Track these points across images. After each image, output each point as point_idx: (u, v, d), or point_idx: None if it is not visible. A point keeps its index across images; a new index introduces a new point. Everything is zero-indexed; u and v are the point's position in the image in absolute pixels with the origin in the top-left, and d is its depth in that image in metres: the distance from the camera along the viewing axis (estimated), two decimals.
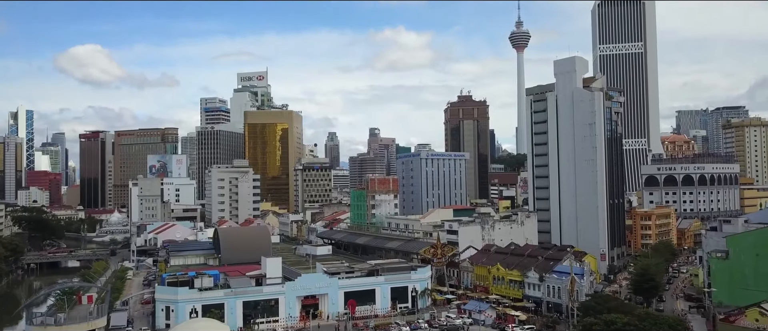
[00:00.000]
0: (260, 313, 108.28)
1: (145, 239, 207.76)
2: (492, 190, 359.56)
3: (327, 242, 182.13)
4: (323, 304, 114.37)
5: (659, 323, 61.04)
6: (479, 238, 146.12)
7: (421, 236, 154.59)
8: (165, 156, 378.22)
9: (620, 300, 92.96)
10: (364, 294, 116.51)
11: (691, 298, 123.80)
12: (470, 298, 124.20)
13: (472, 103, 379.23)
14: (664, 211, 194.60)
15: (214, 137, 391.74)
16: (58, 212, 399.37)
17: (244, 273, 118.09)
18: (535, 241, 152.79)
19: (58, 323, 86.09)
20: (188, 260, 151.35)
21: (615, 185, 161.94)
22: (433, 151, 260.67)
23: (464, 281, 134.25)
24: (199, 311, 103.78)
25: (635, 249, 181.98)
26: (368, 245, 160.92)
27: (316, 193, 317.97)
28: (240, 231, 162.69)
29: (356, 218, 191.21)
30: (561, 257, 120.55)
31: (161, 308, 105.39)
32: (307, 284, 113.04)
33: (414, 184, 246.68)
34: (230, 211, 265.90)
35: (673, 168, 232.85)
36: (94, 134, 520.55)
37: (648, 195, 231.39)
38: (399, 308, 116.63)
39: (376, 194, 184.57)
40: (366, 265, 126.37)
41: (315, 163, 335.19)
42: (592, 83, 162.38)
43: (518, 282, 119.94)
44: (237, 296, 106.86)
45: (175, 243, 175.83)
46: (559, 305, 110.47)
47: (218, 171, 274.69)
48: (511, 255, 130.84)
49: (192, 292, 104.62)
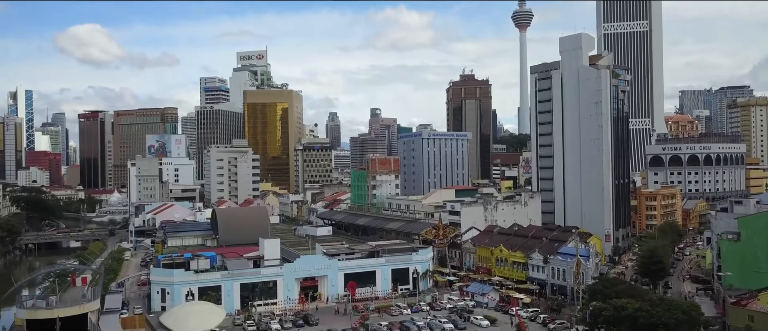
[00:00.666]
0: (258, 295, 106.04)
1: (143, 219, 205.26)
2: (494, 170, 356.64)
3: (327, 222, 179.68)
4: (323, 286, 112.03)
5: (672, 308, 58.31)
6: (482, 219, 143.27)
7: (423, 216, 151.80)
8: (164, 136, 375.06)
9: (628, 283, 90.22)
10: (365, 276, 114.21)
11: (698, 280, 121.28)
12: (473, 280, 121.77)
13: (474, 83, 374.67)
14: (670, 191, 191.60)
15: (214, 117, 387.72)
16: (58, 193, 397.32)
17: (242, 255, 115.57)
18: (538, 222, 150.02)
19: (50, 306, 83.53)
20: (186, 241, 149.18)
21: (620, 165, 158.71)
22: (434, 131, 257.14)
23: (466, 262, 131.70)
24: (195, 293, 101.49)
25: (640, 230, 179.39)
26: (369, 226, 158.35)
27: (316, 173, 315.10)
28: (238, 212, 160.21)
29: (357, 198, 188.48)
30: (566, 239, 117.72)
31: (157, 290, 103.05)
32: (306, 266, 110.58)
33: (415, 164, 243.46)
34: (229, 191, 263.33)
35: (678, 148, 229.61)
36: (94, 114, 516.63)
37: (653, 175, 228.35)
38: (400, 290, 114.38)
39: (377, 175, 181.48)
40: (366, 246, 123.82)
41: (315, 144, 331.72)
42: (598, 61, 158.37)
43: (522, 264, 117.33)
44: (234, 278, 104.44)
45: (173, 224, 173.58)
46: (564, 287, 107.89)
47: (217, 151, 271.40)
48: (514, 236, 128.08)
49: (188, 274, 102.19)
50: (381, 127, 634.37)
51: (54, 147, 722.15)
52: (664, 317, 57.81)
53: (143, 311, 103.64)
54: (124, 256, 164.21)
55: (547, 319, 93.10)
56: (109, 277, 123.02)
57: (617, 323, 61.23)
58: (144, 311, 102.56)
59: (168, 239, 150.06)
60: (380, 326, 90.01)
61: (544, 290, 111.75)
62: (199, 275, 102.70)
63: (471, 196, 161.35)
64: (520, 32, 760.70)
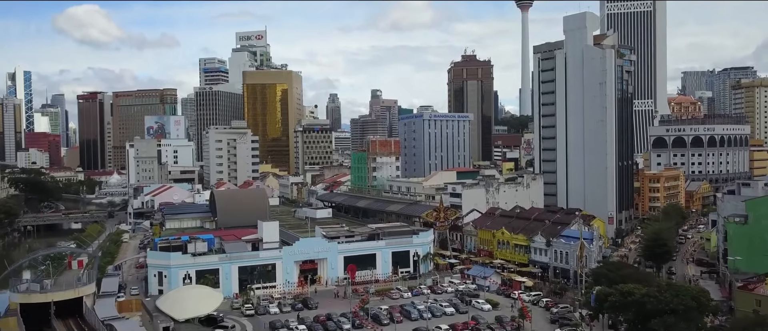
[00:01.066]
0: (257, 278, 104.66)
1: (142, 201, 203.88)
2: (495, 152, 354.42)
3: (327, 204, 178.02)
4: (322, 269, 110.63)
5: (681, 294, 56.59)
6: (483, 201, 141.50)
7: (424, 199, 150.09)
8: (163, 117, 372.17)
9: (634, 267, 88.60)
10: (365, 259, 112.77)
11: (702, 263, 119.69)
12: (474, 263, 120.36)
13: (476, 63, 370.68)
14: (673, 173, 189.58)
15: (213, 98, 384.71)
16: (57, 174, 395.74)
17: (241, 237, 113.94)
18: (540, 204, 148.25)
19: (44, 290, 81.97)
20: (184, 224, 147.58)
21: (624, 147, 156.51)
22: (436, 112, 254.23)
23: (467, 245, 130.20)
24: (192, 276, 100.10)
25: (643, 212, 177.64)
26: (369, 209, 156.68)
27: (316, 155, 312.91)
28: (237, 194, 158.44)
29: (357, 180, 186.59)
30: (569, 221, 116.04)
31: (154, 273, 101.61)
32: (305, 249, 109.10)
33: (416, 146, 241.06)
34: (229, 173, 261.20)
35: (682, 129, 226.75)
36: (92, 95, 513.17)
37: (656, 157, 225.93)
38: (400, 273, 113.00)
39: (378, 156, 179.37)
40: (366, 229, 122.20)
41: (315, 125, 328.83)
42: (603, 41, 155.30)
43: (524, 247, 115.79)
44: (232, 261, 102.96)
45: (172, 206, 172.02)
46: (567, 270, 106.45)
47: (216, 132, 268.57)
48: (516, 219, 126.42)
49: (185, 257, 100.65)
50: (382, 108, 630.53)
51: (53, 128, 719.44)
52: (673, 302, 56.08)
53: (140, 294, 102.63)
54: (122, 238, 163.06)
55: (550, 303, 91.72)
56: (106, 260, 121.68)
57: (623, 308, 59.52)
58: (141, 294, 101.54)
59: (166, 221, 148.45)
60: (380, 309, 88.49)
61: (546, 274, 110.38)
62: (197, 258, 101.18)
63: (472, 178, 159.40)
64: (523, 12, 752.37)
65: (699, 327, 57.34)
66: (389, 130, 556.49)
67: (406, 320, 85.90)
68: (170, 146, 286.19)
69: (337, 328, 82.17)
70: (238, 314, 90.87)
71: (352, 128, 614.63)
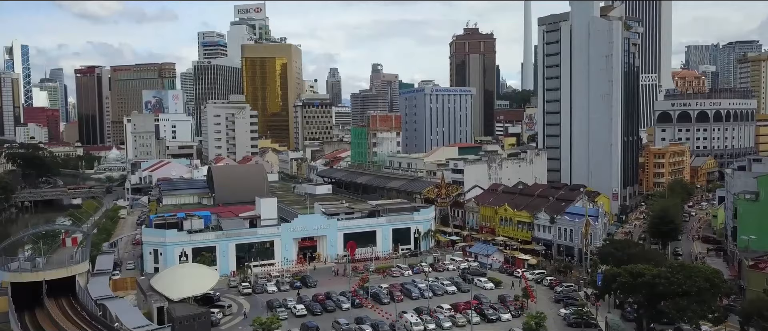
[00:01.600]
0: (254, 256, 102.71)
1: (139, 176, 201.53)
2: (497, 127, 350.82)
3: (327, 181, 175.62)
4: (321, 246, 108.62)
5: (694, 275, 54.20)
6: (486, 177, 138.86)
7: (425, 175, 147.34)
8: (161, 92, 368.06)
9: (641, 246, 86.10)
10: (365, 236, 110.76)
11: (708, 240, 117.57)
12: (476, 240, 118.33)
13: (478, 37, 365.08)
14: (679, 148, 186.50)
15: (212, 72, 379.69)
16: (56, 149, 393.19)
17: (238, 214, 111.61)
18: (544, 180, 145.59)
19: (36, 269, 79.79)
20: (181, 200, 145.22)
21: (630, 122, 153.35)
22: (437, 86, 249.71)
23: (469, 222, 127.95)
24: (189, 254, 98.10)
25: (647, 188, 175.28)
26: (369, 185, 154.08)
27: (316, 130, 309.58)
28: (235, 169, 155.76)
29: (357, 156, 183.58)
30: (573, 198, 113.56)
31: (149, 251, 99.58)
32: (304, 226, 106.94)
33: (417, 121, 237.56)
34: (227, 148, 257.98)
35: (687, 104, 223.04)
36: (90, 70, 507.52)
37: (660, 132, 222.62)
38: (401, 251, 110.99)
39: (378, 132, 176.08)
40: (367, 205, 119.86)
41: (315, 100, 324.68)
42: (610, 12, 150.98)
43: (527, 224, 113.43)
44: (229, 238, 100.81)
45: (170, 181, 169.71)
46: (571, 248, 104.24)
47: (214, 107, 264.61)
48: (519, 195, 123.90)
49: (181, 234, 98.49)
50: (382, 83, 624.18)
51: (52, 103, 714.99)
52: (685, 284, 53.67)
53: (137, 271, 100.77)
54: (119, 214, 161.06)
55: (554, 282, 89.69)
56: (102, 236, 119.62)
57: (633, 290, 57.14)
58: (138, 272, 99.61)
59: (163, 197, 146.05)
60: (380, 288, 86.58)
61: (549, 251, 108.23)
62: (193, 236, 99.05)
63: (474, 153, 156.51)
64: None
65: (712, 309, 54.97)
66: (390, 105, 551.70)
67: (407, 298, 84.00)
68: (168, 121, 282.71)
69: (337, 307, 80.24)
70: (235, 293, 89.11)
71: (352, 103, 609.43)
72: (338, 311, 79.33)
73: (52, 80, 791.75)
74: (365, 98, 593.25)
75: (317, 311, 78.67)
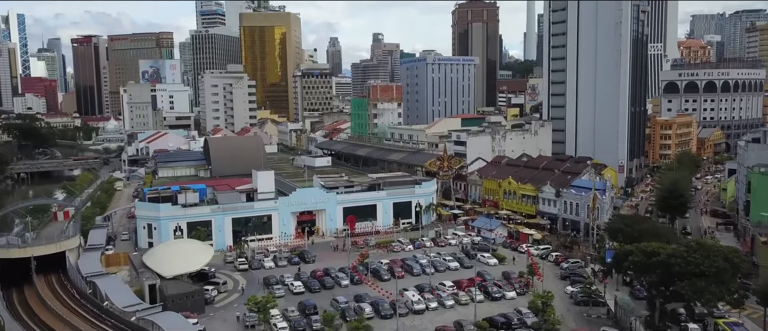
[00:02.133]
0: (251, 230, 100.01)
1: (136, 148, 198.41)
2: (500, 97, 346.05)
3: (326, 153, 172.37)
4: (320, 220, 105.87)
5: (712, 254, 51.21)
6: (489, 149, 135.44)
7: (427, 147, 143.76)
8: (158, 62, 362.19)
9: (653, 221, 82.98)
10: (365, 210, 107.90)
11: (717, 214, 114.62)
12: (479, 214, 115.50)
13: (481, 5, 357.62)
14: (686, 120, 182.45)
15: (210, 41, 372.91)
16: (53, 120, 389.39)
17: (235, 187, 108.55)
18: (549, 152, 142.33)
19: (24, 245, 76.96)
20: (177, 172, 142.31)
21: (637, 92, 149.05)
22: (439, 55, 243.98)
23: (472, 195, 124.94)
24: (184, 228, 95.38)
25: (653, 161, 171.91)
26: (370, 157, 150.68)
27: (316, 100, 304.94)
28: (231, 141, 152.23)
29: (357, 127, 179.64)
30: (580, 171, 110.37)
31: (143, 225, 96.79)
32: (302, 199, 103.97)
33: (419, 91, 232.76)
34: (225, 119, 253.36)
35: (695, 73, 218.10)
36: (87, 39, 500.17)
37: (666, 103, 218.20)
38: (402, 225, 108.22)
39: (379, 103, 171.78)
40: (367, 178, 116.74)
41: (315, 69, 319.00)
42: None
43: (531, 197, 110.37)
44: (225, 212, 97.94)
45: (167, 153, 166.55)
46: (577, 222, 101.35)
47: (211, 77, 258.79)
48: (523, 168, 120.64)
49: (175, 208, 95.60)
50: (383, 53, 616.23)
51: (50, 73, 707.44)
52: (704, 264, 50.66)
53: (131, 245, 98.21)
54: (115, 186, 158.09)
55: (560, 257, 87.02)
56: (96, 209, 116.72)
57: (646, 269, 54.16)
58: (132, 246, 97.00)
59: (159, 169, 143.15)
60: (380, 264, 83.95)
61: (554, 226, 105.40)
62: (187, 210, 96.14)
63: (478, 125, 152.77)
64: None
65: (731, 290, 52.06)
66: (391, 75, 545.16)
67: (408, 275, 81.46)
68: (165, 91, 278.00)
69: (336, 284, 77.67)
70: (231, 269, 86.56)
71: (352, 73, 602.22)
72: (337, 287, 76.84)
73: (49, 50, 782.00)
74: (366, 68, 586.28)
75: (315, 288, 76.15)
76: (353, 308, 67.06)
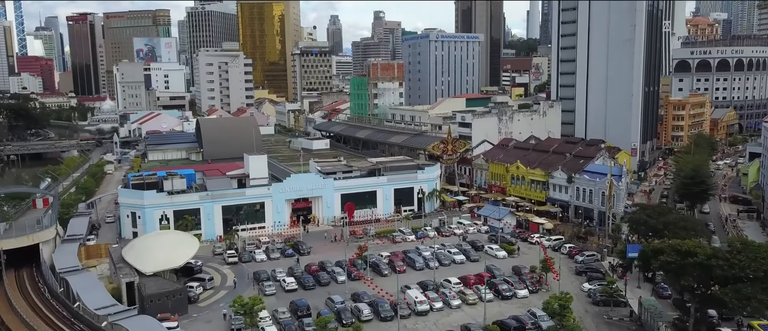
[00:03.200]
0: (243, 219, 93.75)
1: (129, 129, 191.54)
2: (503, 76, 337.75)
3: (325, 134, 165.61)
4: (317, 208, 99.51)
5: (761, 257, 44.64)
6: (495, 131, 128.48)
7: (429, 129, 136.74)
8: (153, 40, 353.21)
9: (677, 212, 76.33)
10: (364, 196, 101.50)
11: (737, 200, 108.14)
12: (485, 200, 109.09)
13: None
14: (699, 99, 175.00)
15: (207, 18, 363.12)
16: (48, 100, 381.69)
17: (226, 172, 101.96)
18: (558, 134, 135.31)
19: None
20: (168, 155, 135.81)
21: (651, 71, 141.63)
22: (443, 32, 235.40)
23: (477, 180, 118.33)
24: (170, 217, 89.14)
25: (665, 143, 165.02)
26: (370, 140, 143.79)
27: (315, 80, 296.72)
28: (224, 123, 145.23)
29: (357, 108, 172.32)
30: (593, 155, 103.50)
31: (126, 214, 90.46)
32: (297, 186, 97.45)
33: (421, 70, 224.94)
34: (221, 99, 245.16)
35: (708, 51, 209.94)
36: (82, 17, 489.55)
37: (677, 82, 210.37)
38: (404, 212, 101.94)
39: (379, 82, 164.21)
40: (366, 163, 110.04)
41: (314, 48, 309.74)
42: None
43: (541, 183, 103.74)
44: (214, 200, 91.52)
45: (158, 135, 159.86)
46: (590, 210, 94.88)
47: (206, 55, 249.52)
48: (532, 151, 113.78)
49: (160, 196, 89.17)
50: (384, 31, 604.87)
51: (48, 52, 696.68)
52: (751, 267, 44.23)
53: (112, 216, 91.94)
54: (105, 170, 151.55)
55: (573, 250, 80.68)
56: (79, 196, 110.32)
57: (681, 271, 47.73)
58: (116, 236, 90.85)
59: (149, 152, 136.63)
60: (380, 257, 77.74)
61: (566, 214, 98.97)
62: (174, 197, 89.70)
63: (483, 105, 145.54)
64: None
65: None
66: (392, 54, 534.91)
67: (410, 269, 75.30)
68: (160, 70, 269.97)
69: (332, 280, 71.50)
70: (220, 262, 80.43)
71: (353, 52, 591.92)
72: (333, 284, 70.67)
73: (47, 29, 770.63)
74: (367, 47, 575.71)
75: (309, 284, 69.92)
76: (350, 308, 60.96)
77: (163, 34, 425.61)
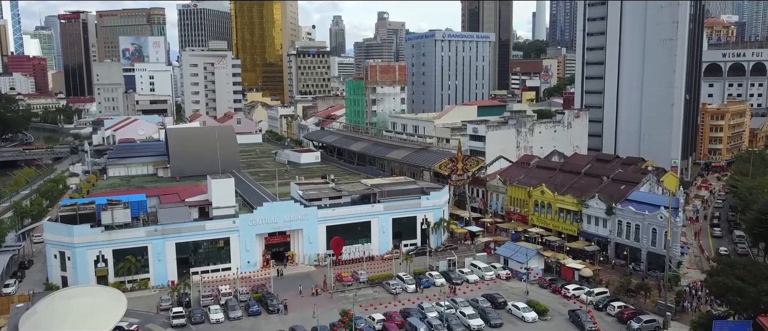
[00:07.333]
0: (203, 259, 74.95)
1: (102, 136, 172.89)
2: (513, 79, 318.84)
3: (316, 145, 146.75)
4: (296, 243, 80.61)
5: None
6: (513, 145, 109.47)
7: (435, 142, 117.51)
8: (140, 38, 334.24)
9: None
10: (356, 228, 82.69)
11: None
12: (502, 231, 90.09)
13: None
14: (739, 108, 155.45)
15: (198, 16, 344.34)
16: (35, 101, 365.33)
17: (184, 198, 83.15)
18: (584, 149, 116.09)
19: None
20: (131, 171, 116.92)
21: (693, 76, 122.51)
22: (450, 31, 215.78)
23: (492, 204, 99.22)
24: (108, 258, 70.39)
25: (702, 157, 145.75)
26: (366, 154, 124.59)
27: (312, 82, 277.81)
28: (197, 132, 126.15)
29: (353, 115, 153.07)
30: (637, 180, 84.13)
31: (54, 254, 71.62)
32: (272, 216, 78.45)
33: (426, 73, 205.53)
34: (207, 103, 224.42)
35: (742, 54, 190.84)
36: (74, 15, 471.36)
37: (707, 87, 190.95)
38: (404, 247, 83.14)
39: (378, 86, 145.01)
40: (359, 186, 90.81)
41: (311, 48, 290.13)
42: None
43: (573, 213, 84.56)
44: (166, 236, 72.65)
45: (124, 145, 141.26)
46: (637, 250, 75.70)
47: (191, 55, 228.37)
48: (560, 172, 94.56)
49: (95, 231, 70.27)
50: (388, 31, 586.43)
51: (46, 52, 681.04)
52: None
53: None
54: (69, 184, 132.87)
55: (625, 311, 61.23)
56: (13, 223, 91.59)
57: None
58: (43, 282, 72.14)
59: (108, 167, 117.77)
60: (371, 322, 58.97)
61: (604, 253, 79.81)
62: (113, 233, 70.89)
63: (497, 114, 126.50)
64: None
65: None
66: (396, 55, 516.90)
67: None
68: (145, 72, 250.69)
69: None
70: (164, 323, 61.61)
71: (355, 53, 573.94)
72: None
73: (47, 28, 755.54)
74: (369, 48, 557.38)
75: None
76: None
77: (157, 33, 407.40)
